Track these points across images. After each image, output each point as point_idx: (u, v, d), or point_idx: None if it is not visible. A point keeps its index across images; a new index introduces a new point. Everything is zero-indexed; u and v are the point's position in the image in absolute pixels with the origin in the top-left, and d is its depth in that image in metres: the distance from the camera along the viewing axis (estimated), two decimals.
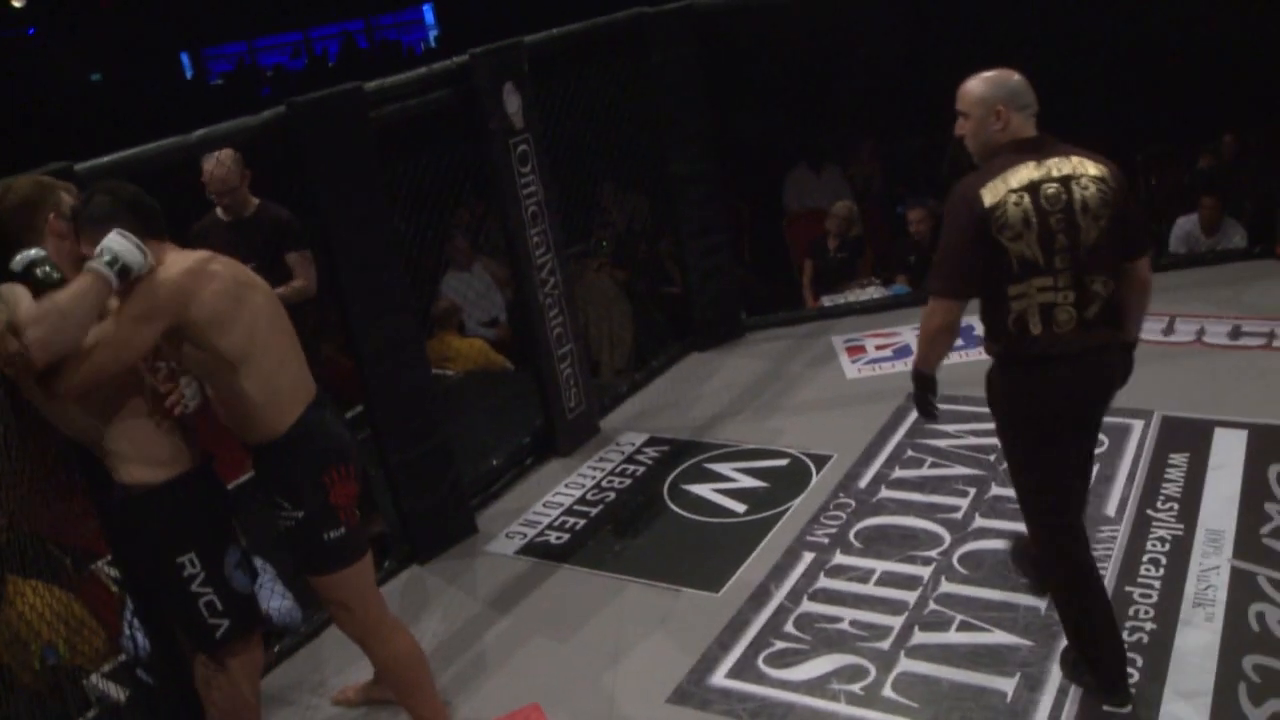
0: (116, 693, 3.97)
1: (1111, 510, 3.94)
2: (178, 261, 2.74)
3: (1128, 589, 3.50)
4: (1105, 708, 3.01)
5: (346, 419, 3.11)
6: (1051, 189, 2.78)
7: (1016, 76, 2.91)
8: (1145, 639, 3.25)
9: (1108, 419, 4.41)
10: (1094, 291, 2.82)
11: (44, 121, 13.16)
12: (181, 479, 2.87)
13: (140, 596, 3.40)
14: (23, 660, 3.53)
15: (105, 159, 3.40)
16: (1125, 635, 3.25)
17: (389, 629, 3.14)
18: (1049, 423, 2.89)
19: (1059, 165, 2.81)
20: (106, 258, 2.61)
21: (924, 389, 3.07)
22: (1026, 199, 2.77)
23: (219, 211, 4.44)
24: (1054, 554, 3.01)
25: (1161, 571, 3.56)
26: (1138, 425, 4.47)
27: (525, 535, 4.45)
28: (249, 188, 4.47)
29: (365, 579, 3.06)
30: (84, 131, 10.64)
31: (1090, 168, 2.83)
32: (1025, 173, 2.80)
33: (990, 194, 2.78)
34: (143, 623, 3.47)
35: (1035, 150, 2.85)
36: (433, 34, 20.87)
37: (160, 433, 2.85)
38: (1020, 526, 3.87)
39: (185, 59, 21.97)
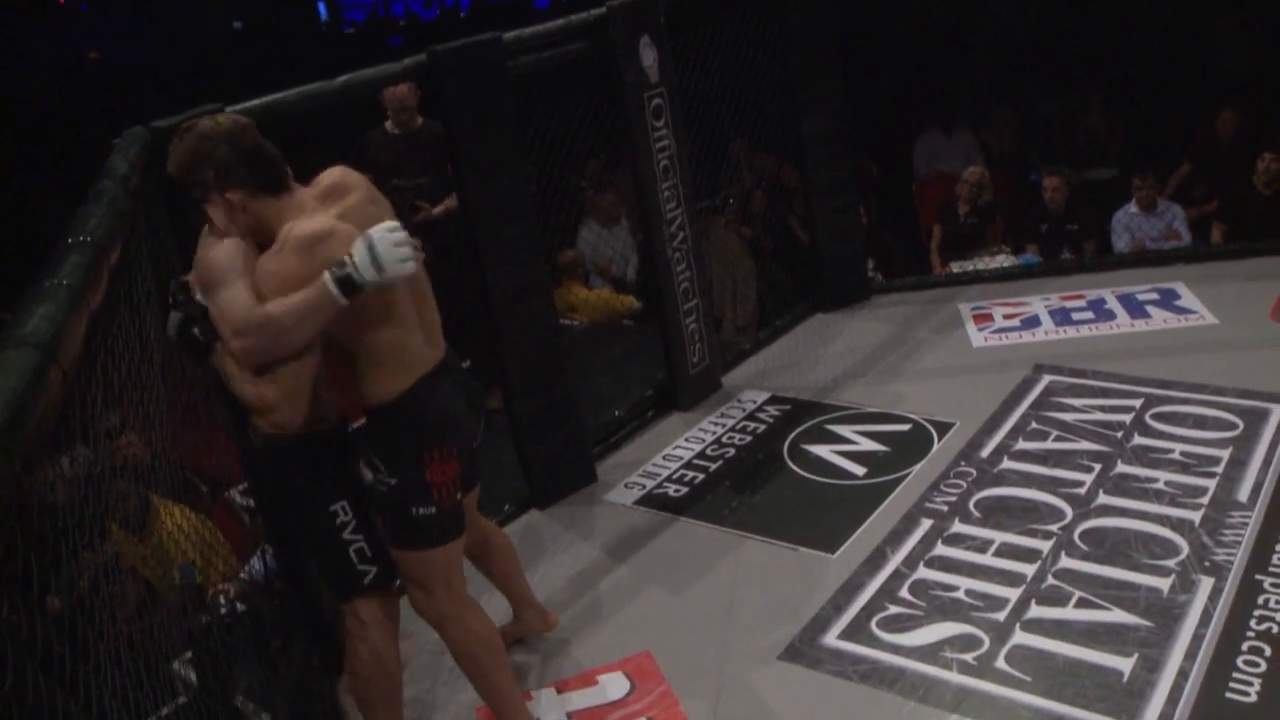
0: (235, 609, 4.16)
1: (1244, 496, 3.83)
2: (307, 226, 2.57)
3: (1258, 577, 3.40)
4: (1226, 695, 2.95)
5: (474, 387, 2.99)
6: None
7: None
8: (1275, 629, 3.16)
9: (1243, 401, 4.37)
10: None
11: (193, 66, 13.55)
12: (328, 433, 2.86)
13: (281, 542, 3.47)
14: (164, 576, 3.73)
15: (256, 101, 3.52)
16: (1254, 624, 3.18)
17: (470, 613, 2.97)
18: None
19: None
20: (358, 257, 2.50)
21: None
22: None
23: (388, 125, 4.93)
24: None
25: None
26: (1276, 410, 4.33)
27: (644, 486, 4.51)
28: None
29: (451, 562, 2.92)
30: (228, 76, 10.95)
31: None
32: None
33: None
34: (279, 564, 3.57)
35: None
36: None
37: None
38: (1146, 506, 3.82)
39: (321, 7, 22.38)
